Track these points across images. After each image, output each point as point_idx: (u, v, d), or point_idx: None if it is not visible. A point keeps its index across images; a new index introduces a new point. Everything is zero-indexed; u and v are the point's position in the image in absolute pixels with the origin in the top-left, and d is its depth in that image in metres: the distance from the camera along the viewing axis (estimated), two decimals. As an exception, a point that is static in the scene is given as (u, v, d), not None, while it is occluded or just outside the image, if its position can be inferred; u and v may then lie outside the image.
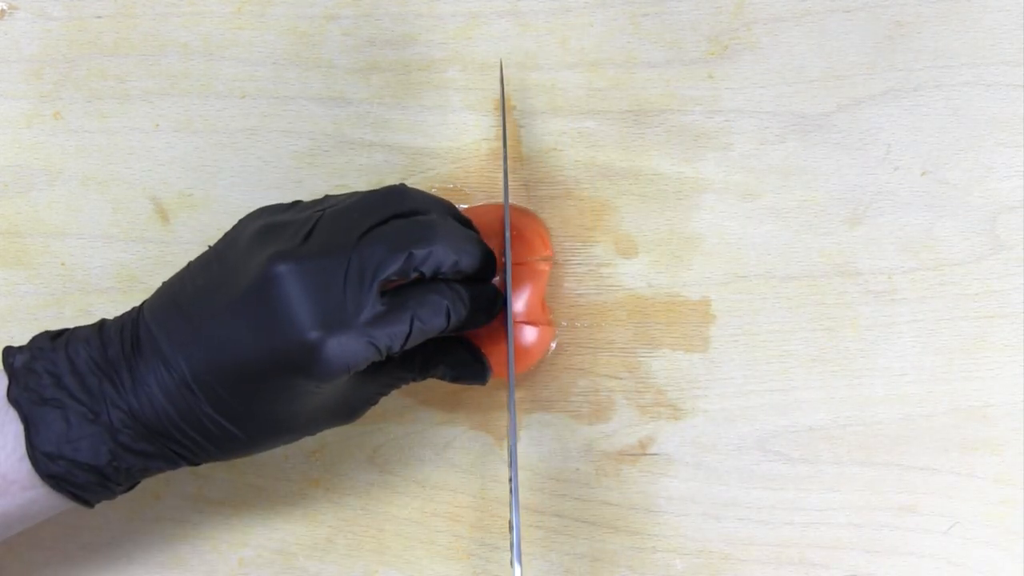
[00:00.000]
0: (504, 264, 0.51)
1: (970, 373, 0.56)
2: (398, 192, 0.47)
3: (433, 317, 0.45)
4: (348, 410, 0.49)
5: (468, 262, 0.47)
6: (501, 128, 0.56)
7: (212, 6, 0.58)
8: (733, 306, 0.56)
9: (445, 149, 0.57)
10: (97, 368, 0.44)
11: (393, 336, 0.44)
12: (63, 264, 0.57)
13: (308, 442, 0.56)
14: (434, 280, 0.46)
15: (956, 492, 0.55)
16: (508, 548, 0.55)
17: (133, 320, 0.46)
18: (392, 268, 0.44)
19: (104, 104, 0.57)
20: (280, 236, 0.45)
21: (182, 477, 0.55)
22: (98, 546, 0.55)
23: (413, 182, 0.57)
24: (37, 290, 0.56)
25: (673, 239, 0.56)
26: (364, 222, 0.45)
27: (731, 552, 0.55)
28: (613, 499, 0.55)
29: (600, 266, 0.56)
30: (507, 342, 0.50)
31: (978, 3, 0.57)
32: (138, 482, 0.47)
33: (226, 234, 0.47)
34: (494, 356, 0.51)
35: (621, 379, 0.56)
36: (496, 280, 0.50)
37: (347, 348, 0.43)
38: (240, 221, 0.47)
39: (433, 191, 0.56)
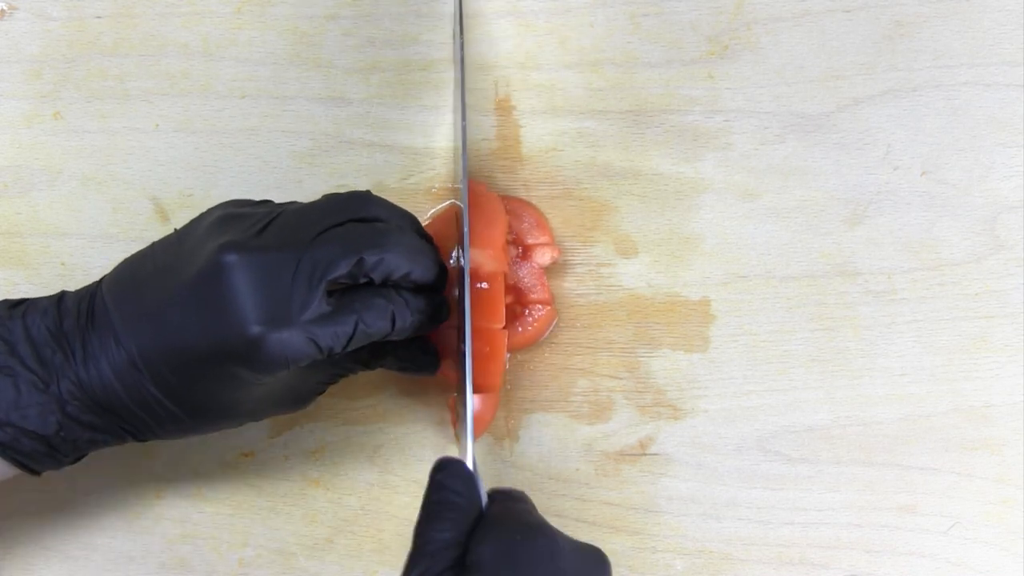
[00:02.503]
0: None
1: (970, 373, 0.56)
2: (361, 197, 0.47)
3: (377, 321, 0.45)
4: (294, 399, 0.49)
5: (420, 274, 0.47)
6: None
7: (212, 6, 0.58)
8: (733, 306, 0.56)
9: (445, 149, 0.57)
10: (52, 339, 0.45)
11: (336, 336, 0.44)
12: (63, 264, 0.57)
13: (308, 442, 0.56)
14: (383, 286, 0.46)
15: (956, 492, 0.55)
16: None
17: (91, 293, 0.46)
18: (341, 270, 0.44)
19: (104, 104, 0.57)
20: (236, 226, 0.45)
21: (182, 477, 0.55)
22: (98, 546, 0.55)
23: (413, 182, 0.57)
24: (37, 290, 0.56)
25: (673, 239, 0.56)
26: (321, 223, 0.45)
27: (731, 552, 0.55)
28: (613, 499, 0.55)
29: (600, 266, 0.56)
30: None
31: (978, 3, 0.57)
32: (85, 454, 0.47)
33: (192, 220, 0.47)
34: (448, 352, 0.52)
35: (621, 379, 0.56)
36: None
37: (288, 345, 0.43)
38: (208, 209, 0.48)
39: (433, 191, 0.57)
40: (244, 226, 0.45)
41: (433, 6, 0.57)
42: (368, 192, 0.48)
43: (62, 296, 0.47)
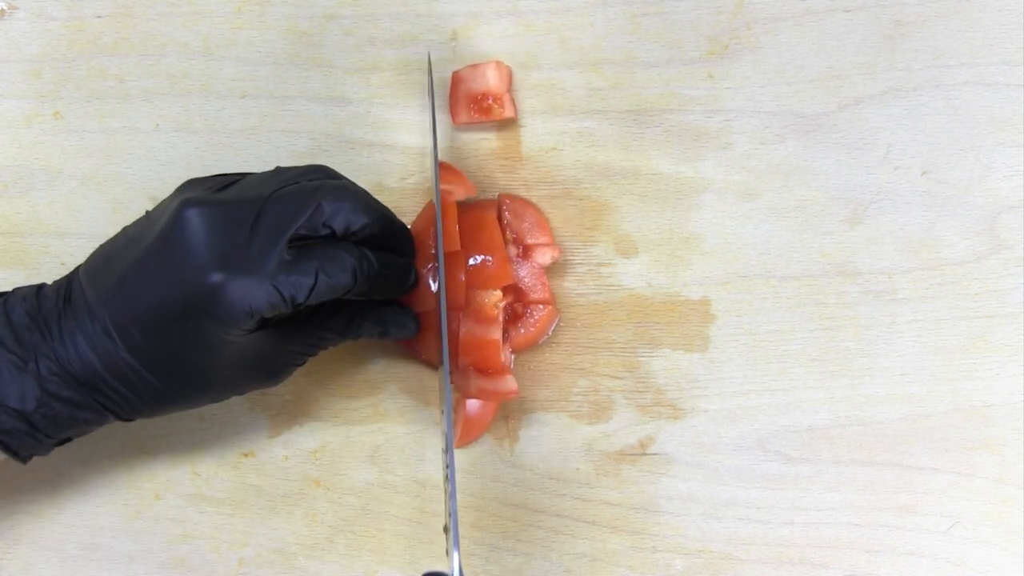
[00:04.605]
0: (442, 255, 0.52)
1: (970, 373, 0.56)
2: (317, 168, 0.49)
3: (339, 271, 0.46)
4: (270, 369, 0.49)
5: (379, 227, 0.47)
6: (430, 125, 0.56)
7: (212, 6, 0.58)
8: (733, 306, 0.56)
9: (445, 149, 0.57)
10: (31, 322, 0.46)
11: (297, 285, 0.45)
12: (63, 264, 0.57)
13: (308, 442, 0.56)
14: (344, 240, 0.47)
15: (956, 492, 0.55)
16: (506, 548, 0.55)
17: (69, 280, 0.48)
18: (301, 219, 0.45)
19: (104, 104, 0.57)
20: (198, 187, 0.47)
21: (182, 477, 0.55)
22: (98, 546, 0.55)
23: (413, 182, 0.57)
24: (37, 290, 0.56)
25: (673, 239, 0.56)
26: (279, 182, 0.47)
27: (731, 552, 0.55)
28: (613, 499, 0.55)
29: (600, 266, 0.56)
30: (440, 326, 0.51)
31: (978, 3, 0.57)
32: (69, 438, 0.48)
33: (161, 201, 0.49)
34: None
35: (621, 379, 0.56)
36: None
37: (249, 292, 0.44)
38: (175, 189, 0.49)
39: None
40: (204, 186, 0.47)
41: (433, 6, 0.57)
42: (324, 165, 0.49)
43: (42, 285, 0.48)
